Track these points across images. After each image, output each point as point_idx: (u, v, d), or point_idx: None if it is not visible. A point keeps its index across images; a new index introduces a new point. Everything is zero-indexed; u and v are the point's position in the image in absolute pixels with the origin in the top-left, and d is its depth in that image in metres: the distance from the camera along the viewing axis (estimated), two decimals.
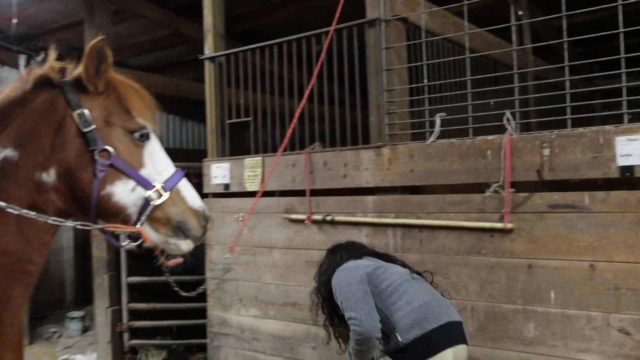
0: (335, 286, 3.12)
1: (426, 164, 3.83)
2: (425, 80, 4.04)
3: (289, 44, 4.60)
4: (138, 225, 2.00)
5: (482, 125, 3.79)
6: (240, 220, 4.71)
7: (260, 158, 4.65)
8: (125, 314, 5.95)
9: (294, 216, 4.43)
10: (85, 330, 7.56)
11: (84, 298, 8.69)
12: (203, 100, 6.41)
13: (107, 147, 1.98)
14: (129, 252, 5.78)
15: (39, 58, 7.52)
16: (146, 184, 2.01)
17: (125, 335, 5.97)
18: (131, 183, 2.00)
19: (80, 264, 8.69)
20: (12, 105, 1.99)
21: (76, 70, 2.04)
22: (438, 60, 4.27)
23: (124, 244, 2.06)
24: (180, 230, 2.07)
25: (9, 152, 1.93)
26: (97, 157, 1.95)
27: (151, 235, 2.05)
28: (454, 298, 3.71)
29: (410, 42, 4.17)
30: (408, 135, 4.16)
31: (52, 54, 2.09)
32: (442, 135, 3.85)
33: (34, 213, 1.90)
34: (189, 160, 6.00)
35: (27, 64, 8.06)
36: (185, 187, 2.12)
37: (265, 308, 4.65)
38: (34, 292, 2.10)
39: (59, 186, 1.97)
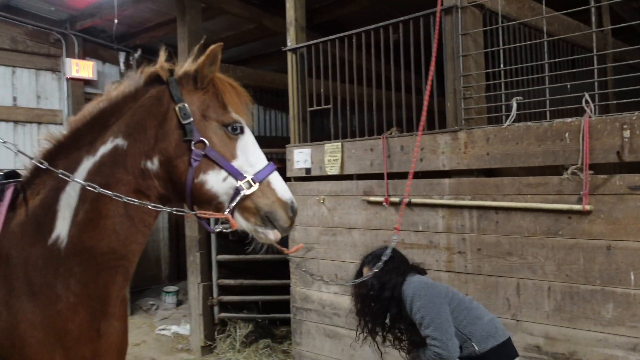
0: (414, 299, 3.20)
1: (502, 147, 3.90)
2: (502, 65, 4.10)
3: (366, 33, 4.79)
4: (226, 212, 2.09)
5: (560, 107, 3.81)
6: (321, 202, 4.98)
7: (339, 143, 4.89)
8: (215, 289, 6.43)
9: (372, 198, 4.64)
10: (179, 303, 8.20)
11: (178, 274, 9.41)
12: (284, 90, 6.73)
13: (203, 139, 2.09)
14: (218, 233, 6.23)
15: (137, 55, 8.18)
16: (237, 175, 2.09)
17: (216, 309, 6.45)
18: (223, 173, 2.09)
19: (174, 243, 9.39)
20: (125, 99, 2.19)
21: (182, 68, 2.24)
22: (515, 45, 4.31)
23: (216, 229, 2.23)
24: (268, 220, 2.13)
25: (119, 141, 2.12)
26: (193, 147, 2.08)
27: (241, 223, 2.14)
28: (530, 278, 3.80)
29: (487, 28, 4.24)
30: (484, 119, 4.24)
31: (162, 55, 2.27)
32: (518, 118, 3.91)
33: (136, 200, 2.06)
34: (272, 146, 6.35)
35: (126, 60, 8.79)
36: (276, 180, 2.18)
37: (345, 285, 4.90)
38: (135, 268, 2.30)
39: (160, 173, 2.13)
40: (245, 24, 7.65)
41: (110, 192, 2.03)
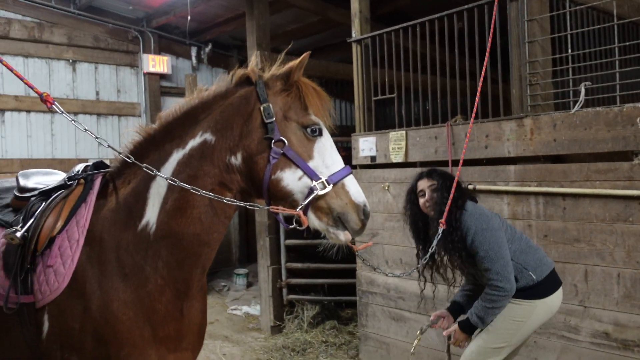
0: (476, 232, 3.19)
1: (570, 133, 3.89)
2: (569, 50, 4.06)
3: (430, 22, 4.84)
4: (298, 209, 2.17)
5: (630, 92, 3.74)
6: (385, 189, 5.11)
7: (404, 131, 4.99)
8: (283, 272, 6.72)
9: None
10: (249, 285, 8.58)
11: (247, 257, 9.83)
12: (348, 79, 6.86)
13: (282, 138, 2.19)
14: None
15: (208, 49, 8.54)
16: (312, 175, 2.17)
17: (284, 291, 6.74)
18: (299, 172, 2.18)
19: (244, 228, 9.80)
20: (215, 97, 2.32)
21: (270, 72, 2.36)
22: (583, 29, 4.24)
23: (291, 225, 2.26)
24: (340, 221, 2.19)
25: (208, 136, 2.25)
26: (272, 145, 2.18)
27: (314, 222, 2.20)
28: (599, 265, 3.78)
29: (554, 13, 4.20)
30: (550, 105, 4.22)
31: (253, 58, 2.44)
32: (586, 104, 3.88)
33: (212, 194, 2.16)
34: (336, 135, 6.51)
35: (197, 54, 9.20)
36: (350, 183, 2.23)
37: (410, 270, 5.02)
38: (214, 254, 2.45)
39: (243, 168, 2.24)
40: (310, 16, 7.82)
41: (187, 186, 2.15)
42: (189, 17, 7.29)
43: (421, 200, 3.44)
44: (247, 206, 2.27)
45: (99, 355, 2.17)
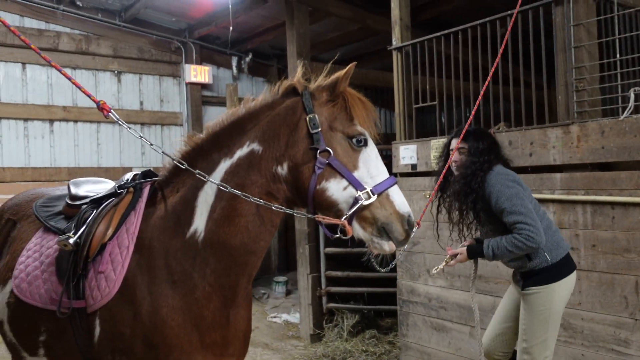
0: (501, 190, 3.22)
1: (619, 140, 3.78)
2: (618, 55, 3.96)
3: (473, 28, 4.80)
4: (343, 219, 2.17)
5: None
6: (427, 197, 5.07)
7: (446, 139, 4.94)
8: (323, 280, 6.73)
9: None
10: (288, 293, 8.61)
11: (287, 265, 9.88)
12: (387, 87, 6.84)
13: (328, 148, 2.21)
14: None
15: (248, 59, 8.69)
16: (357, 185, 2.18)
17: (324, 299, 6.75)
18: (344, 182, 2.19)
19: (283, 235, 9.86)
20: (262, 108, 2.35)
21: (316, 83, 2.38)
22: (632, 33, 4.13)
23: (335, 235, 2.27)
24: (384, 231, 2.19)
25: (255, 146, 2.28)
26: (318, 155, 2.20)
27: (358, 232, 2.21)
28: None
29: (602, 17, 4.10)
30: (598, 112, 4.12)
31: (299, 69, 2.43)
32: (636, 110, 3.76)
33: (262, 200, 2.20)
34: (380, 143, 6.49)
35: (238, 64, 9.35)
36: (395, 193, 2.23)
37: (452, 279, 4.96)
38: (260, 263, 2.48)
39: (288, 178, 2.26)
40: (350, 24, 7.85)
41: (239, 192, 2.19)
42: (231, 28, 7.43)
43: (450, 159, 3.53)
44: (294, 214, 2.29)
45: (148, 359, 2.22)
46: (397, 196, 2.24)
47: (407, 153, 5.32)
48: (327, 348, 6.20)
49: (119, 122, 2.17)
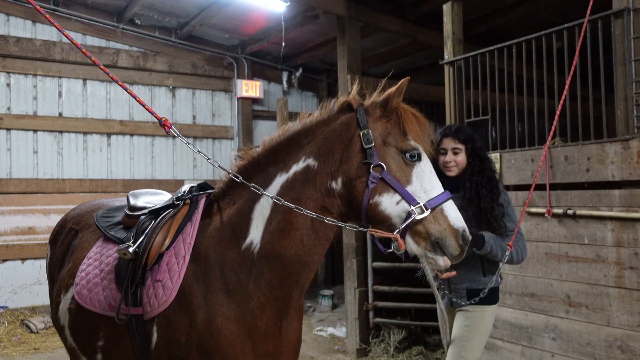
0: (507, 200, 3.34)
1: None
2: None
3: (527, 42, 4.73)
4: (395, 232, 2.17)
5: None
6: None
7: (498, 154, 4.87)
8: (370, 295, 6.69)
9: (533, 209, 4.55)
10: (334, 307, 8.59)
11: (333, 279, 9.88)
12: (438, 101, 6.80)
13: (381, 163, 2.22)
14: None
15: (298, 74, 8.84)
16: (410, 199, 2.18)
17: (371, 314, 6.69)
18: (397, 196, 2.19)
19: (330, 249, 9.84)
20: (318, 124, 2.38)
21: (371, 99, 2.41)
22: None
23: (389, 250, 2.27)
24: (438, 246, 2.18)
25: (311, 162, 2.32)
26: (371, 170, 2.21)
27: (412, 247, 2.21)
28: None
29: None
30: None
31: (355, 86, 2.45)
32: None
33: (314, 214, 2.23)
34: (430, 157, 6.44)
35: (288, 79, 9.52)
36: (449, 208, 2.22)
37: (503, 297, 4.84)
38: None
39: (342, 193, 2.28)
40: (400, 39, 7.88)
41: (292, 205, 2.23)
42: (283, 44, 7.58)
43: (441, 158, 3.38)
44: (346, 227, 2.31)
45: None
46: (452, 211, 2.22)
47: None
48: None
49: (180, 137, 2.23)
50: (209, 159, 2.38)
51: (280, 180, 2.36)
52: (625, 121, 4.05)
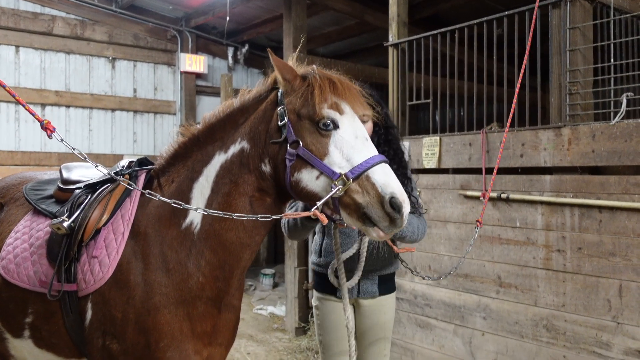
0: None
1: (609, 144, 3.80)
2: (612, 60, 3.98)
3: (470, 27, 4.80)
4: (313, 209, 2.09)
5: None
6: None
7: (438, 137, 4.95)
8: (310, 274, 6.73)
9: (469, 193, 4.67)
10: (275, 285, 8.61)
11: (274, 258, 9.88)
12: (382, 83, 6.83)
13: (297, 139, 2.13)
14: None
15: (244, 50, 8.65)
16: (329, 172, 2.07)
17: (310, 293, 6.75)
18: (315, 171, 2.10)
19: (273, 228, 9.76)
20: (253, 101, 2.32)
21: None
22: (627, 39, 4.15)
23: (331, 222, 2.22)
24: (366, 217, 2.04)
25: (245, 144, 2.27)
26: (288, 147, 2.14)
27: (347, 220, 2.11)
28: (635, 280, 3.68)
29: (598, 22, 4.12)
30: (590, 115, 4.14)
31: (292, 61, 2.31)
32: (627, 115, 3.79)
33: (221, 212, 2.16)
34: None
35: (234, 54, 9.31)
36: (377, 172, 2.05)
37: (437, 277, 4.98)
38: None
39: (272, 174, 2.24)
40: (347, 19, 7.85)
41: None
42: (227, 18, 7.40)
43: None
44: (258, 218, 2.20)
45: (139, 344, 2.22)
46: (379, 175, 2.04)
47: None
48: (312, 341, 6.21)
49: (64, 143, 2.07)
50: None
51: (219, 159, 2.32)
52: (559, 109, 4.19)
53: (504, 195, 4.39)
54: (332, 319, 2.99)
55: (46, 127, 2.01)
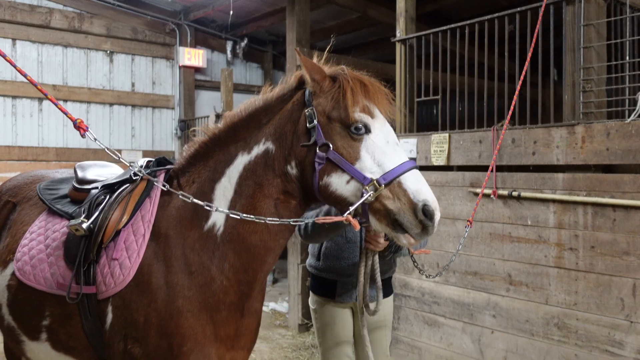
0: None
1: (624, 142, 3.78)
2: (627, 57, 3.95)
3: (480, 24, 4.75)
4: (346, 214, 2.04)
5: None
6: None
7: (447, 134, 4.91)
8: None
9: (479, 190, 4.64)
10: (275, 281, 8.57)
11: None
12: (386, 79, 6.77)
13: (326, 142, 2.07)
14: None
15: (243, 44, 8.55)
16: (360, 177, 2.02)
17: None
18: (346, 176, 2.05)
19: None
20: (277, 100, 2.25)
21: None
22: None
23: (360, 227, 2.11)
24: (397, 224, 2.00)
25: (269, 145, 2.20)
26: (317, 150, 2.08)
27: (377, 226, 2.06)
28: None
29: (612, 19, 4.09)
30: (604, 113, 4.12)
31: (316, 58, 2.25)
32: None
33: (245, 215, 2.11)
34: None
35: (233, 49, 9.22)
36: (409, 179, 2.00)
37: (446, 275, 4.95)
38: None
39: (298, 176, 2.18)
40: (350, 13, 7.78)
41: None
42: (231, 12, 7.31)
43: None
44: (290, 222, 2.16)
45: (162, 348, 2.18)
46: (411, 182, 1.99)
47: (406, 147, 5.27)
48: (316, 339, 6.17)
49: (98, 142, 2.09)
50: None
51: (242, 160, 2.25)
52: (572, 107, 4.16)
53: (515, 193, 4.37)
54: (332, 324, 3.00)
55: (79, 126, 1.98)
